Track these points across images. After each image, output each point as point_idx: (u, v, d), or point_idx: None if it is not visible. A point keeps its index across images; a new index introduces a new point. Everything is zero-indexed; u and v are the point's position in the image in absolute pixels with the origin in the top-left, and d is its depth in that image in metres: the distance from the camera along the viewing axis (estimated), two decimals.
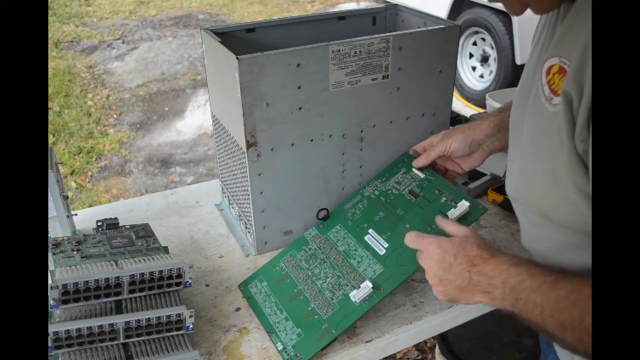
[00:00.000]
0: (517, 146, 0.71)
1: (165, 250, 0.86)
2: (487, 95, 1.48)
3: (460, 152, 0.89)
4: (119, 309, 0.73)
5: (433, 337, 1.64)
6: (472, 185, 1.08)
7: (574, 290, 0.56)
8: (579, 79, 0.55)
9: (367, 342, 0.78)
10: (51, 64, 4.55)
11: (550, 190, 0.62)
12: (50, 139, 3.33)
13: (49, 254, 0.80)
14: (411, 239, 0.75)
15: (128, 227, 0.93)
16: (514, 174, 0.73)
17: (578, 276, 0.57)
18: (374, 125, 0.94)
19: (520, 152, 0.69)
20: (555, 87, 0.59)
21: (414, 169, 0.92)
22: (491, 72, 3.65)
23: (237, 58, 0.78)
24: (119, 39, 5.39)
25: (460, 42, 3.37)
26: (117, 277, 0.71)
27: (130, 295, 0.73)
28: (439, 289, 0.70)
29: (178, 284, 0.76)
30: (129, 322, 0.69)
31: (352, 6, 6.11)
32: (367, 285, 0.76)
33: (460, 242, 0.69)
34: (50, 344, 0.66)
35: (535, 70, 0.66)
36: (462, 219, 0.80)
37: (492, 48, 3.58)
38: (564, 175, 0.59)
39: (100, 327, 0.68)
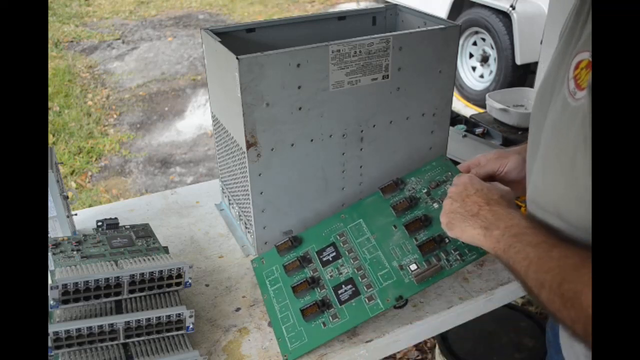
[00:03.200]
0: (537, 142, 0.69)
1: (165, 250, 0.86)
2: (487, 95, 1.49)
3: (514, 174, 0.84)
4: (119, 309, 0.73)
5: (433, 337, 1.64)
6: None
7: (565, 255, 0.56)
8: None
9: (367, 342, 0.78)
10: (51, 64, 4.55)
11: (568, 187, 0.61)
12: (50, 139, 3.33)
13: (49, 254, 0.80)
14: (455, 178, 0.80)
15: (128, 227, 0.93)
16: (533, 172, 0.72)
17: (577, 247, 0.58)
18: (374, 125, 0.94)
19: (540, 148, 0.68)
20: (581, 82, 0.58)
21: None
22: (491, 72, 3.65)
23: (237, 58, 0.78)
24: (119, 39, 5.39)
25: (460, 42, 3.37)
26: (117, 277, 0.71)
27: (130, 295, 0.73)
28: (444, 213, 0.75)
29: (178, 284, 0.76)
30: (129, 322, 0.69)
31: (352, 6, 6.12)
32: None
33: (489, 186, 0.74)
34: (50, 344, 0.66)
35: (560, 64, 0.64)
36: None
37: (492, 48, 3.58)
38: (586, 172, 0.57)
39: (100, 327, 0.68)
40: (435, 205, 0.87)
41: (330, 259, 0.86)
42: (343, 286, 0.81)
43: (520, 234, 0.63)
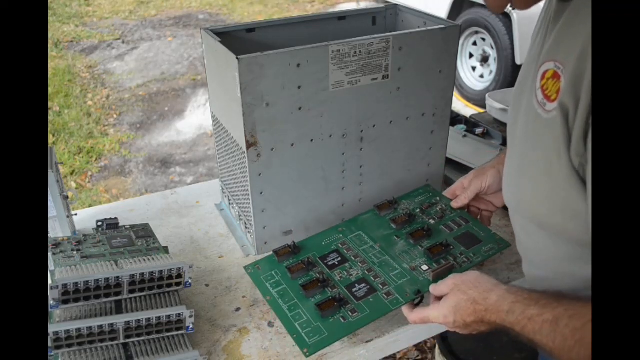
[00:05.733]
0: (512, 149, 0.70)
1: (165, 250, 0.86)
2: (487, 95, 1.48)
3: (495, 187, 0.88)
4: (119, 309, 0.73)
5: (433, 337, 1.64)
6: None
7: (576, 329, 0.55)
8: (575, 89, 0.53)
9: (367, 342, 0.78)
10: (51, 64, 4.54)
11: (545, 198, 0.62)
12: (50, 139, 3.33)
13: (49, 254, 0.80)
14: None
15: (128, 227, 0.93)
16: (509, 178, 0.72)
17: (576, 311, 0.56)
18: (374, 125, 0.94)
19: (515, 157, 0.68)
20: (549, 93, 0.58)
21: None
22: (491, 72, 3.65)
23: (237, 58, 0.78)
24: (119, 39, 5.39)
25: (460, 42, 3.37)
26: (117, 277, 0.71)
27: (130, 295, 0.73)
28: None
29: (178, 284, 0.76)
30: (129, 322, 0.69)
31: (352, 6, 6.11)
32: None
33: (455, 307, 0.69)
34: (50, 344, 0.66)
35: (529, 71, 0.65)
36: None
37: (492, 48, 3.57)
38: (561, 185, 0.58)
39: (100, 327, 0.68)
40: (432, 221, 0.92)
41: (337, 263, 0.84)
42: (356, 285, 0.80)
43: (522, 329, 0.61)
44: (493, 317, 0.64)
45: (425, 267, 0.81)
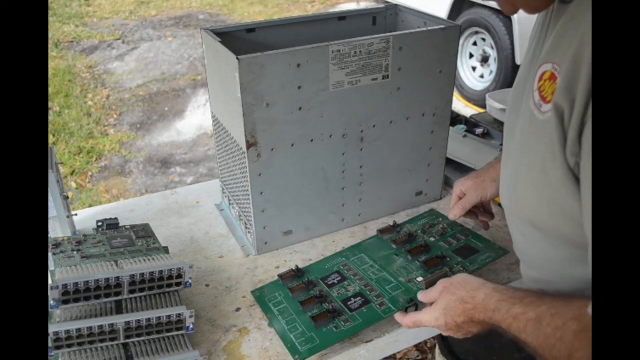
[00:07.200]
0: (509, 151, 0.70)
1: (165, 250, 0.86)
2: (487, 95, 1.48)
3: (495, 195, 0.90)
4: (119, 309, 0.73)
5: (433, 337, 1.64)
6: None
7: (557, 327, 0.55)
8: (569, 90, 0.54)
9: (367, 342, 0.78)
10: (51, 64, 4.54)
11: (541, 201, 0.62)
12: (50, 139, 3.33)
13: (49, 254, 0.80)
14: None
15: (128, 227, 0.93)
16: (506, 181, 0.72)
17: (558, 309, 0.56)
18: (374, 125, 0.94)
19: (511, 159, 0.69)
20: (545, 94, 0.58)
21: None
22: (491, 72, 3.65)
23: (237, 58, 0.78)
24: (119, 39, 5.39)
25: (460, 42, 3.37)
26: (117, 277, 0.71)
27: (130, 295, 0.73)
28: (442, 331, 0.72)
29: (178, 284, 0.76)
30: (129, 322, 0.69)
31: (352, 6, 6.11)
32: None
33: (445, 308, 0.69)
34: (50, 344, 0.66)
35: (528, 73, 0.65)
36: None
37: (492, 48, 3.57)
38: (557, 187, 0.58)
39: (100, 327, 0.68)
40: (432, 239, 0.93)
41: (336, 282, 0.86)
42: (352, 298, 0.81)
43: (507, 327, 0.61)
44: (481, 316, 0.65)
45: (420, 279, 0.83)
